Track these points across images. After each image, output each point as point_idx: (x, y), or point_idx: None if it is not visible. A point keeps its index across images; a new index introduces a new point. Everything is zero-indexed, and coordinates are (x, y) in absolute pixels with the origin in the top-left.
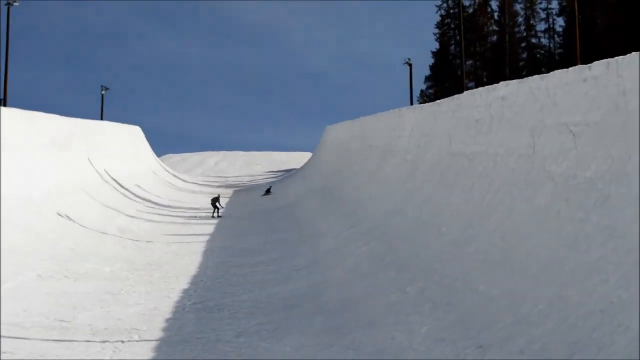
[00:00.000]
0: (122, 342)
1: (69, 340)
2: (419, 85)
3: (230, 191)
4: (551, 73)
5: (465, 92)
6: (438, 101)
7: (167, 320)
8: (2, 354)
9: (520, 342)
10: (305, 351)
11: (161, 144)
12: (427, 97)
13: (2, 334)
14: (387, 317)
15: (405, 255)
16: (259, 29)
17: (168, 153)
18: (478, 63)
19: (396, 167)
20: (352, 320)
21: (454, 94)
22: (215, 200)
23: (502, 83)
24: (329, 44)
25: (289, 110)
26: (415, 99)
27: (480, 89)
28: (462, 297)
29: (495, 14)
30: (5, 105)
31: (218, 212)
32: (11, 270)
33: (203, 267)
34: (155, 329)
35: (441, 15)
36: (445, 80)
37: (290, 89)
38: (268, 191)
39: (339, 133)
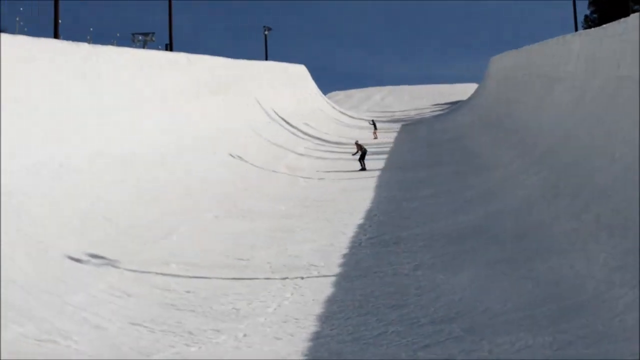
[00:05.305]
0: (302, 278)
1: (250, 278)
2: (583, 10)
3: (397, 126)
4: None
5: (632, 15)
6: (604, 25)
7: (344, 255)
8: (186, 293)
9: None
10: (482, 282)
11: (326, 82)
12: (591, 22)
13: (184, 274)
14: (564, 246)
15: (578, 182)
16: None
17: (333, 90)
18: None
19: (563, 94)
20: (528, 249)
21: (620, 18)
22: None
23: None
24: None
25: (454, 43)
26: (579, 24)
27: None
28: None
29: None
30: (171, 50)
31: None
32: (189, 213)
33: (375, 202)
34: (333, 265)
35: None
36: (609, 4)
37: (455, 21)
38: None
39: (504, 63)
